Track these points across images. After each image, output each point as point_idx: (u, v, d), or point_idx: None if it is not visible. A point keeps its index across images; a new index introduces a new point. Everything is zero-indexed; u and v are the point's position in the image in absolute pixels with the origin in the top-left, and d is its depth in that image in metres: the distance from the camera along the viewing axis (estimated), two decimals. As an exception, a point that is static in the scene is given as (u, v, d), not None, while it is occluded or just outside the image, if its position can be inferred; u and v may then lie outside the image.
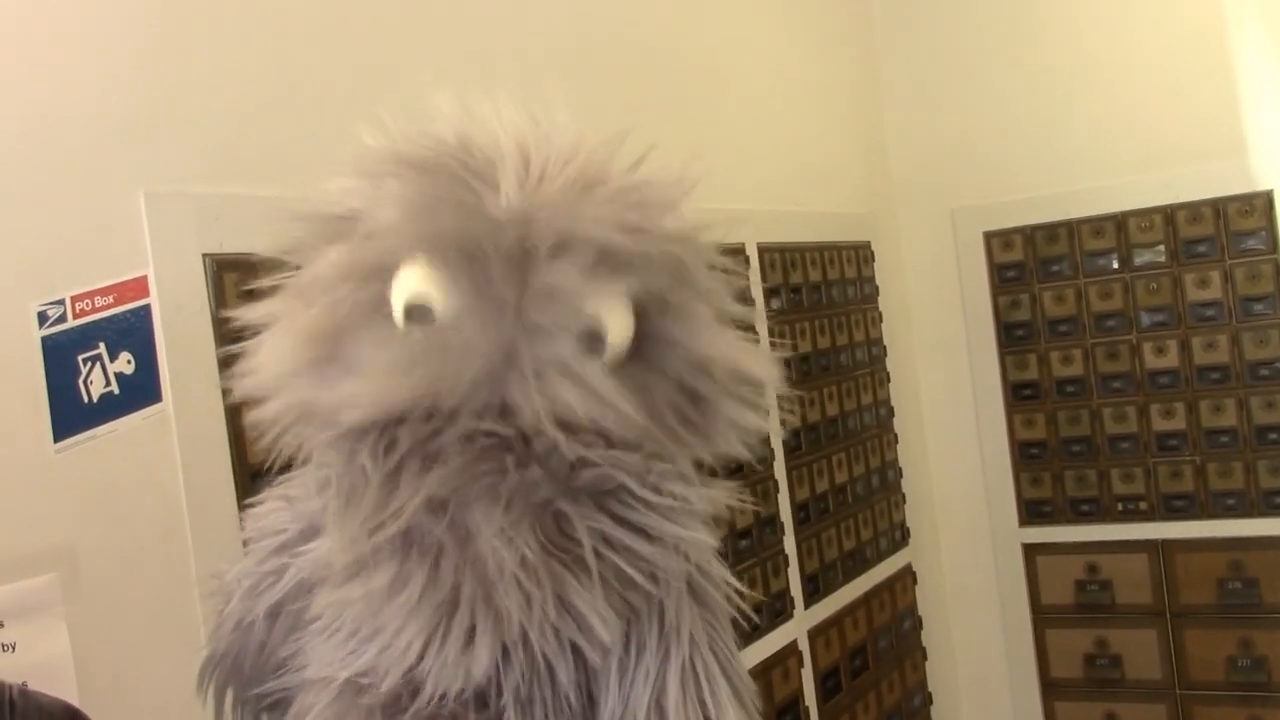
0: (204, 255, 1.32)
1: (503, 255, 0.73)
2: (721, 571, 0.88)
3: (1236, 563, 2.86)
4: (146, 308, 1.27)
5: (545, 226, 0.74)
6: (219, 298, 1.33)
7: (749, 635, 2.25)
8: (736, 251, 2.36)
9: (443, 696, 0.77)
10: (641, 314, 0.78)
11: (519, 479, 0.72)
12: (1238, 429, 2.83)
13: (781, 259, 2.52)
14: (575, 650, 0.79)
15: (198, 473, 1.29)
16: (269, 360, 0.78)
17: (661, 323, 0.79)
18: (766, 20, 2.72)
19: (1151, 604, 2.96)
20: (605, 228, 0.76)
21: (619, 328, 0.76)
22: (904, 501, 2.98)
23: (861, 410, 2.81)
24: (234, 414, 1.33)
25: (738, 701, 0.85)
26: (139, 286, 1.26)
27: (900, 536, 2.95)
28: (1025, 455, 3.07)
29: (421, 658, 0.75)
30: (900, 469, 2.99)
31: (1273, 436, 2.79)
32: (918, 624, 2.98)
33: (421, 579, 0.73)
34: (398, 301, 0.74)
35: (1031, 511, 3.08)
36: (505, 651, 0.76)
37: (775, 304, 2.48)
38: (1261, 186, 2.76)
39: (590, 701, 0.82)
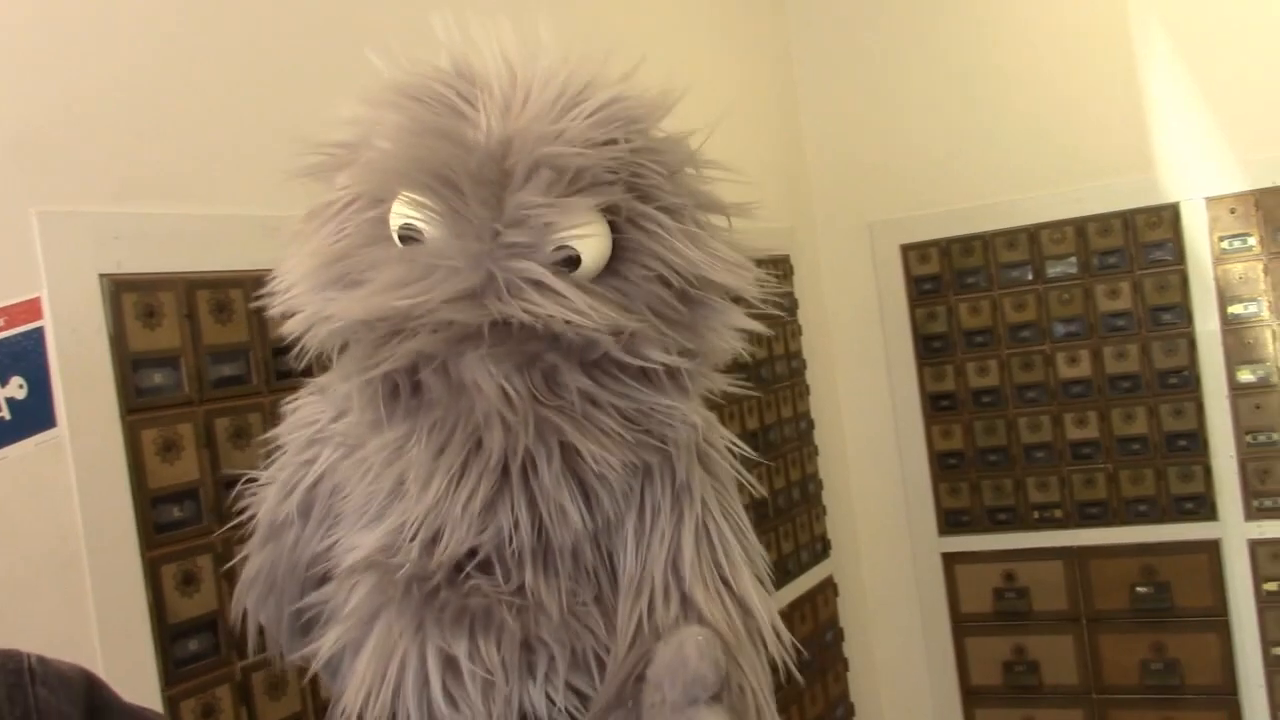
0: (101, 275, 1.28)
1: (481, 181, 0.80)
2: (726, 438, 0.94)
3: (1149, 568, 2.91)
4: (40, 330, 1.23)
5: (520, 151, 0.81)
6: (117, 319, 1.29)
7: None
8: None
9: (464, 560, 0.84)
10: (615, 226, 0.84)
11: (505, 334, 0.79)
12: (1148, 436, 2.88)
13: (700, 273, 2.52)
14: (586, 499, 0.84)
15: (95, 500, 1.25)
16: (289, 276, 0.86)
17: (634, 234, 0.84)
18: (682, 35, 2.72)
19: (1067, 610, 3.00)
20: (575, 147, 0.82)
21: (591, 244, 0.82)
22: (825, 514, 3.00)
23: (782, 423, 2.82)
24: (133, 439, 1.30)
25: (750, 564, 0.91)
26: (31, 308, 1.22)
27: (821, 549, 2.96)
28: (944, 465, 3.10)
29: (433, 503, 0.82)
30: (821, 481, 3.00)
31: (1182, 444, 2.85)
32: (839, 635, 2.99)
33: (427, 427, 0.82)
34: (393, 226, 0.83)
35: (950, 521, 3.11)
36: (515, 510, 0.82)
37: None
38: (1168, 199, 2.82)
39: (612, 572, 0.88)
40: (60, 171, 1.27)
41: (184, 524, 1.35)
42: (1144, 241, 2.85)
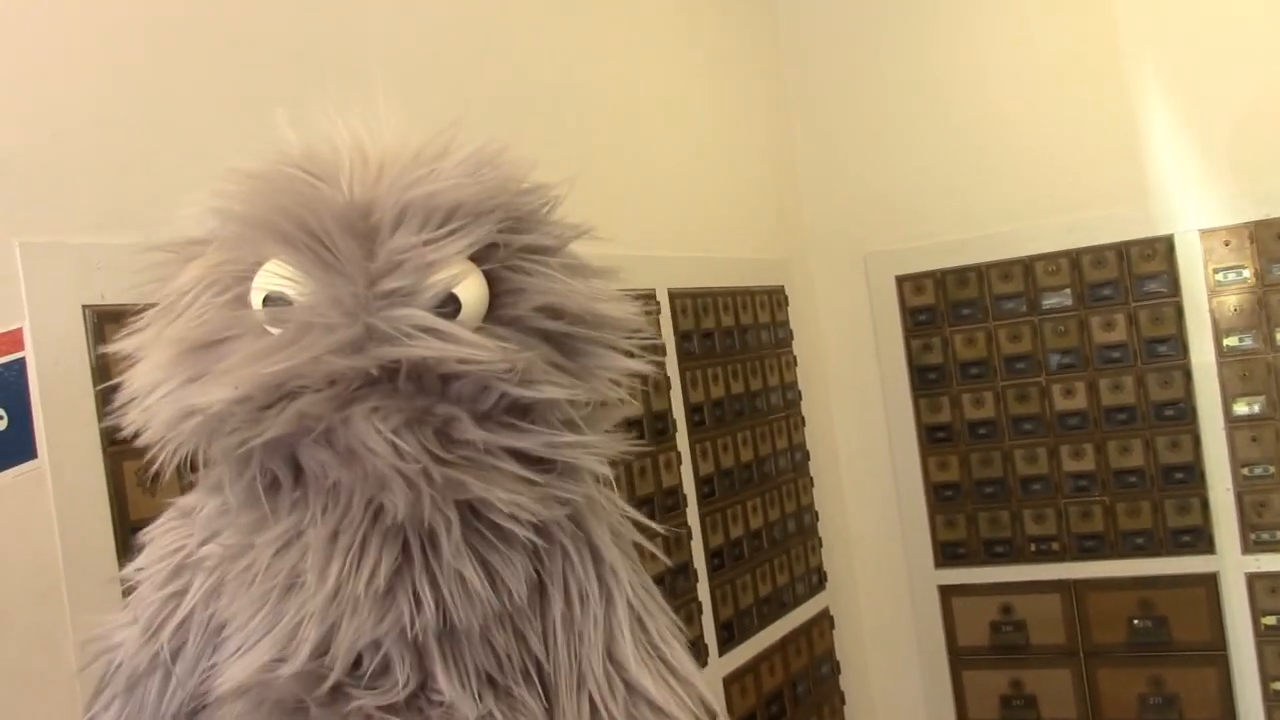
0: (84, 307, 1.29)
1: (349, 235, 0.78)
2: (621, 507, 0.93)
3: (1146, 601, 2.89)
4: (21, 361, 1.23)
5: (384, 204, 0.80)
6: (100, 351, 1.29)
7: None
8: (647, 296, 2.35)
9: (356, 666, 0.78)
10: (493, 268, 0.82)
11: (391, 391, 0.76)
12: (1145, 469, 2.87)
13: (693, 304, 2.52)
14: (489, 574, 0.79)
15: (75, 532, 1.25)
16: (142, 380, 0.81)
17: (512, 274, 0.83)
18: (679, 67, 2.73)
19: (1065, 644, 2.98)
20: (441, 192, 0.80)
21: (471, 289, 0.80)
22: (820, 545, 2.98)
23: (777, 455, 2.81)
24: (115, 470, 1.29)
25: (678, 639, 0.90)
26: (13, 340, 1.22)
27: (817, 580, 2.94)
28: (940, 497, 3.09)
29: (333, 590, 0.77)
30: (816, 513, 2.99)
31: (1179, 476, 2.84)
32: (835, 668, 2.98)
33: (319, 508, 0.77)
34: (257, 298, 0.79)
35: (947, 553, 3.09)
36: (417, 587, 0.78)
37: (687, 348, 2.48)
38: (1162, 231, 2.82)
39: (535, 664, 0.83)
40: (43, 202, 1.28)
41: (165, 556, 1.34)
42: (1138, 273, 2.84)
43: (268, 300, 0.78)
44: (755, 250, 2.93)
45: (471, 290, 0.80)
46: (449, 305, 0.78)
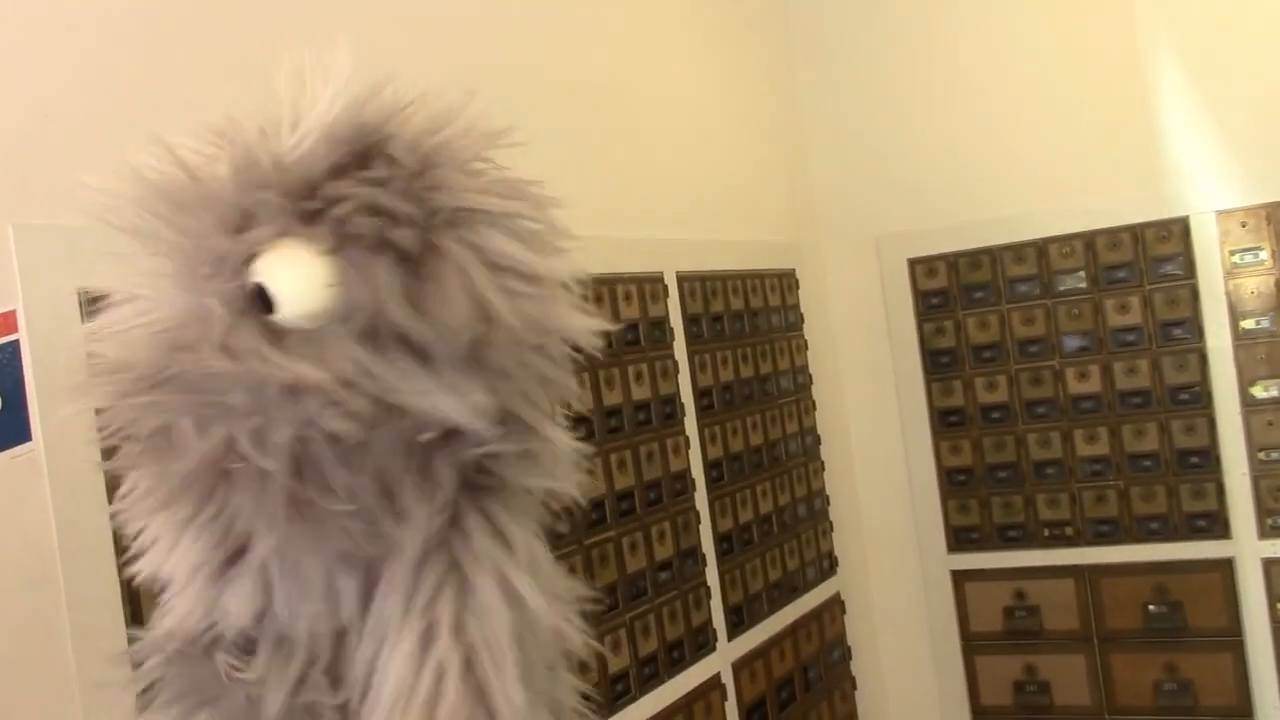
0: (78, 289, 1.28)
1: (198, 218, 0.76)
2: (494, 547, 0.82)
3: (1161, 586, 2.86)
4: (15, 344, 1.22)
5: (232, 180, 0.77)
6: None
7: (671, 668, 2.22)
8: (654, 280, 2.34)
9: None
10: (338, 249, 0.74)
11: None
12: (1159, 453, 2.84)
13: (702, 287, 2.50)
14: None
15: (71, 515, 1.24)
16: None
17: (346, 264, 0.74)
18: (687, 50, 2.71)
19: (1079, 629, 2.96)
20: (275, 163, 0.76)
21: (286, 278, 0.73)
22: (831, 529, 2.97)
23: (787, 439, 2.80)
24: (110, 452, 1.28)
25: (522, 681, 0.78)
26: (6, 322, 1.21)
27: (828, 565, 2.93)
28: (952, 481, 3.07)
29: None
30: (827, 497, 2.97)
31: (1194, 460, 2.81)
32: (847, 654, 2.96)
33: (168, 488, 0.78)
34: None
35: (960, 538, 3.07)
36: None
37: (695, 332, 2.46)
38: (1178, 212, 2.79)
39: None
40: (37, 184, 1.27)
41: (162, 539, 1.33)
42: (1154, 255, 2.81)
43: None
44: (765, 233, 2.91)
45: (284, 279, 0.74)
46: (261, 301, 0.74)
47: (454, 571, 0.78)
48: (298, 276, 0.73)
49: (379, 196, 0.74)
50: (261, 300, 0.73)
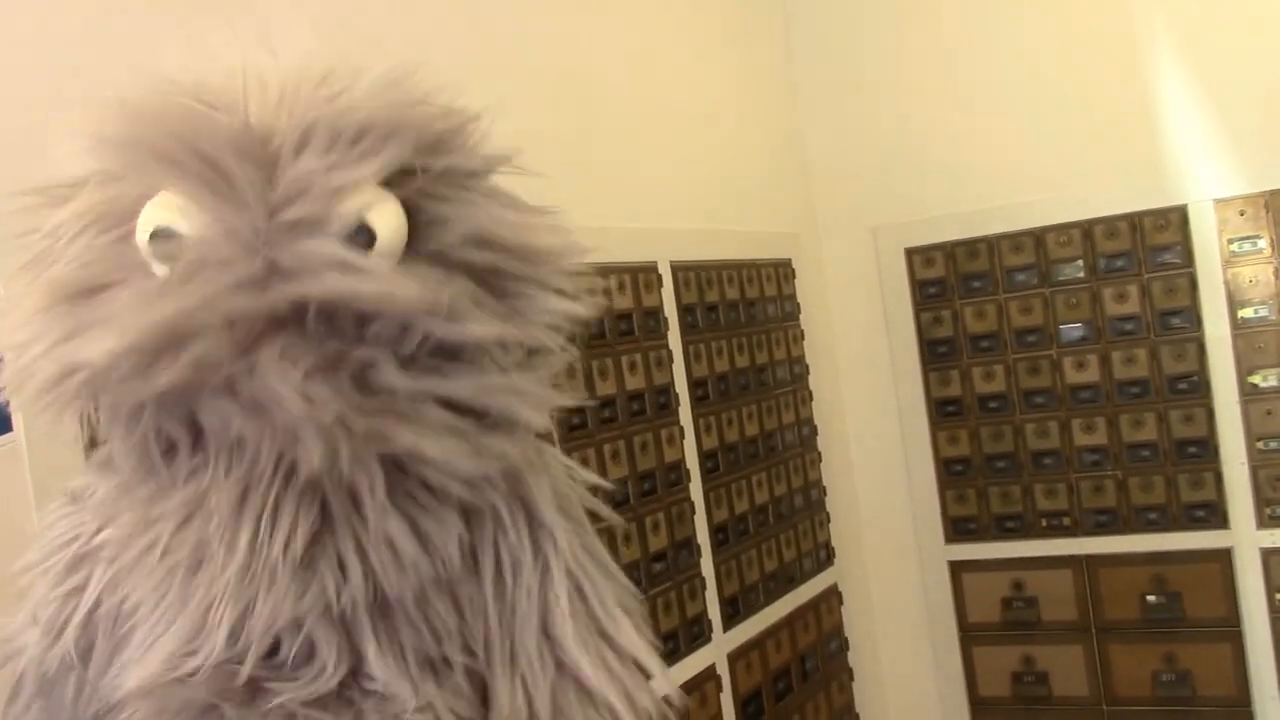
0: (60, 278, 1.26)
1: (246, 160, 0.69)
2: (568, 466, 0.83)
3: (1159, 577, 2.85)
4: (-5, 334, 1.21)
5: (287, 125, 0.71)
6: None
7: (666, 660, 2.21)
8: (649, 269, 2.33)
9: (274, 653, 0.70)
10: (409, 197, 0.73)
11: (300, 334, 0.67)
12: (1158, 443, 2.83)
13: (696, 277, 2.49)
14: (424, 539, 0.71)
15: (52, 506, 1.23)
16: (16, 334, 0.71)
17: (431, 203, 0.74)
18: (684, 38, 2.69)
19: (1077, 620, 2.95)
20: (349, 111, 0.72)
21: (386, 218, 0.71)
22: (828, 521, 2.96)
23: (783, 429, 2.78)
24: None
25: (626, 611, 0.79)
26: (-14, 312, 1.20)
27: (825, 556, 2.92)
28: (950, 472, 3.06)
29: (244, 560, 0.69)
30: (824, 488, 2.96)
31: (1192, 450, 2.80)
32: (844, 645, 2.95)
33: (224, 471, 0.69)
34: (142, 235, 0.70)
35: (957, 529, 3.06)
36: (341, 553, 0.69)
37: (690, 322, 2.45)
38: (1176, 201, 2.77)
39: (471, 641, 0.75)
40: (12, 170, 1.25)
41: (147, 531, 1.32)
42: (1152, 244, 2.80)
43: (155, 236, 0.69)
44: (761, 223, 2.89)
45: (386, 219, 0.70)
46: (361, 236, 0.69)
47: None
48: (396, 213, 0.72)
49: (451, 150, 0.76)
50: (360, 238, 0.70)
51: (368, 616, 0.71)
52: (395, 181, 0.72)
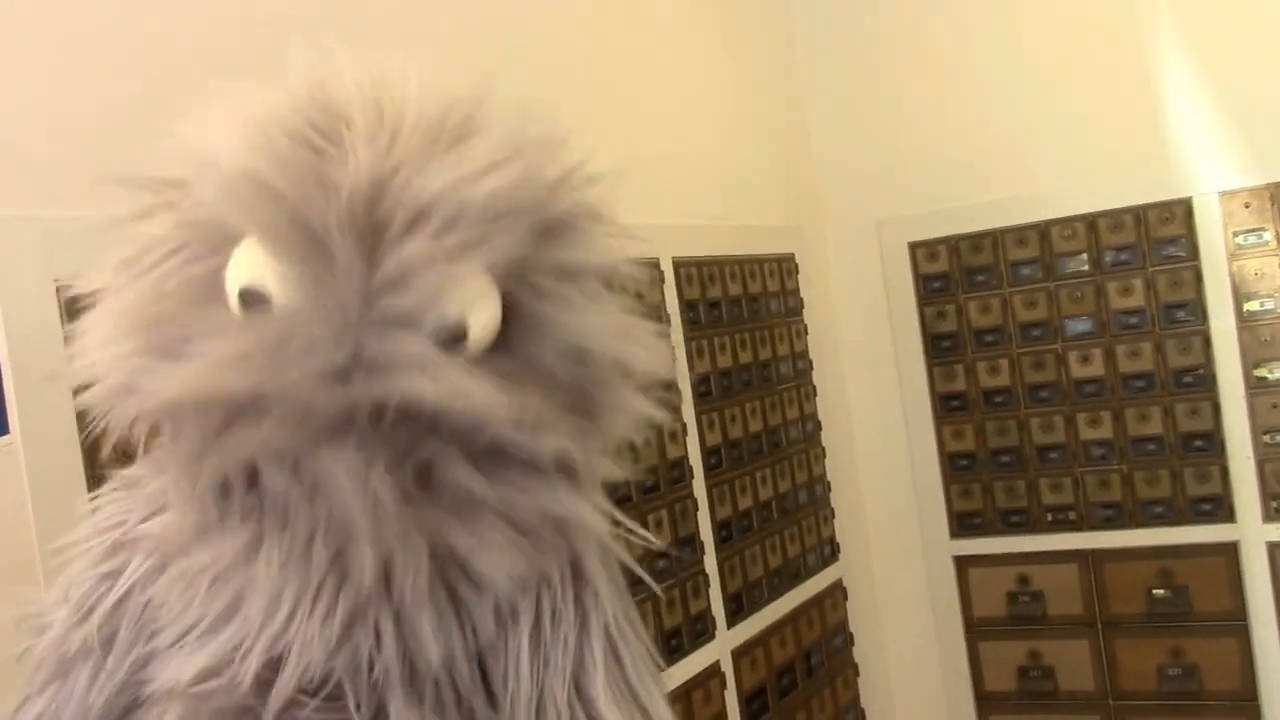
0: (55, 281, 1.26)
1: (349, 232, 0.65)
2: (615, 544, 0.82)
3: (1165, 571, 2.84)
4: (-9, 336, 1.21)
5: (398, 195, 0.66)
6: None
7: (669, 657, 2.20)
8: (651, 265, 2.32)
9: (303, 691, 0.69)
10: (509, 293, 0.70)
11: (370, 425, 0.65)
12: (1163, 437, 2.82)
13: (699, 273, 2.48)
14: (460, 613, 0.70)
15: (50, 509, 1.23)
16: (94, 341, 0.71)
17: (532, 302, 0.71)
18: (686, 32, 2.68)
19: (1083, 614, 2.94)
20: (465, 193, 0.67)
21: (483, 316, 0.68)
22: (833, 516, 2.95)
23: (787, 425, 2.78)
24: (91, 447, 1.27)
25: (657, 680, 0.78)
26: (-18, 314, 1.20)
27: (830, 552, 2.91)
28: (955, 467, 3.05)
29: (282, 626, 0.68)
30: (828, 483, 2.95)
31: (1198, 444, 2.79)
32: (849, 640, 2.95)
33: (275, 536, 0.67)
34: (232, 287, 0.68)
35: (963, 523, 3.05)
36: (379, 627, 0.69)
37: (692, 317, 2.44)
38: (1181, 193, 2.75)
39: (488, 690, 0.73)
40: (13, 174, 1.25)
41: (145, 533, 1.32)
42: (1156, 237, 2.78)
43: (245, 294, 0.67)
44: (764, 217, 2.88)
45: (485, 317, 0.68)
46: (453, 333, 0.67)
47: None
48: (493, 309, 0.69)
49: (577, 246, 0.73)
50: (453, 333, 0.67)
51: (400, 679, 0.71)
52: (501, 267, 0.70)
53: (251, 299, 0.67)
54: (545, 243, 0.71)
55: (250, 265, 0.67)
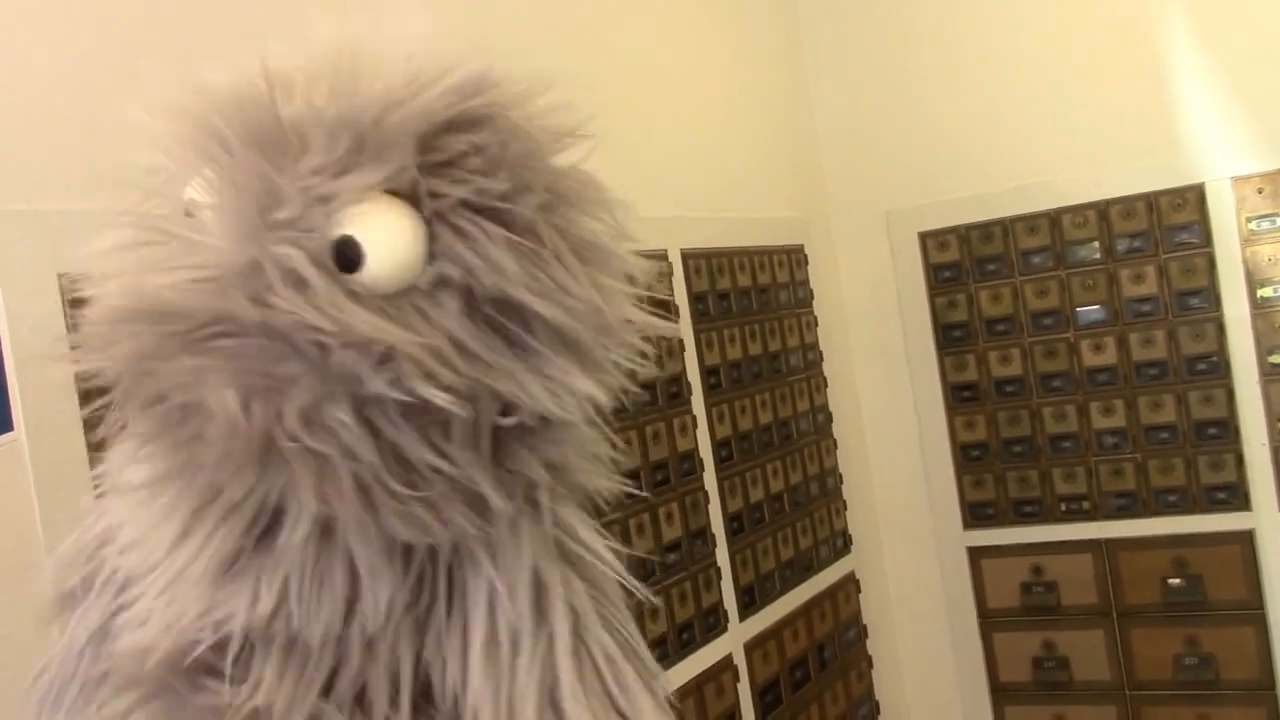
0: (60, 275, 1.25)
1: (260, 142, 0.65)
2: (604, 536, 0.76)
3: (1180, 560, 2.82)
4: (-5, 332, 1.20)
5: (316, 116, 0.65)
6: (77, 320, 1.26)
7: (681, 650, 2.19)
8: (659, 257, 2.31)
9: (244, 648, 0.67)
10: (433, 216, 0.66)
11: (263, 345, 0.63)
12: (1177, 425, 2.79)
13: (708, 264, 2.47)
14: (353, 579, 0.66)
15: (55, 505, 1.22)
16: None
17: (449, 234, 0.66)
18: (693, 23, 2.67)
19: (1097, 604, 2.92)
20: (373, 111, 0.65)
21: (379, 241, 0.64)
22: (845, 508, 2.94)
23: (798, 417, 2.76)
24: (95, 441, 1.26)
25: (647, 688, 0.73)
26: (-14, 309, 1.20)
27: (842, 544, 2.90)
28: (967, 457, 3.03)
29: (164, 561, 0.67)
30: (840, 475, 2.94)
31: (1212, 431, 2.76)
32: (862, 632, 2.93)
33: (179, 463, 0.66)
34: (181, 198, 0.69)
35: (975, 514, 3.04)
36: (256, 593, 0.66)
37: (701, 309, 2.43)
38: (1193, 180, 2.73)
39: (426, 692, 0.70)
40: (16, 168, 1.24)
41: (152, 528, 1.31)
42: (1169, 224, 2.76)
43: (186, 212, 0.67)
44: (773, 209, 2.87)
45: (379, 236, 0.64)
46: (346, 255, 0.63)
47: (551, 580, 0.71)
48: (396, 232, 0.65)
49: (494, 165, 0.68)
50: (343, 256, 0.64)
51: (281, 649, 0.68)
52: (401, 185, 0.66)
53: (193, 209, 0.68)
54: (475, 182, 0.67)
55: (191, 188, 0.68)
